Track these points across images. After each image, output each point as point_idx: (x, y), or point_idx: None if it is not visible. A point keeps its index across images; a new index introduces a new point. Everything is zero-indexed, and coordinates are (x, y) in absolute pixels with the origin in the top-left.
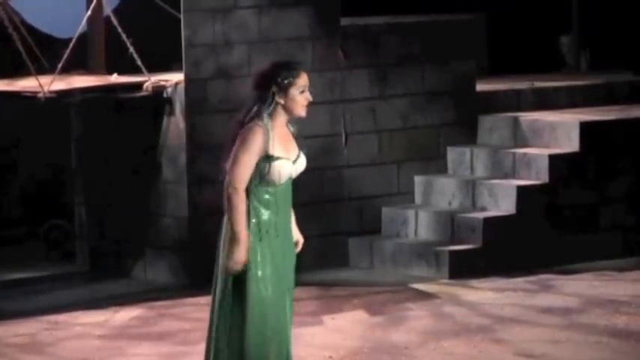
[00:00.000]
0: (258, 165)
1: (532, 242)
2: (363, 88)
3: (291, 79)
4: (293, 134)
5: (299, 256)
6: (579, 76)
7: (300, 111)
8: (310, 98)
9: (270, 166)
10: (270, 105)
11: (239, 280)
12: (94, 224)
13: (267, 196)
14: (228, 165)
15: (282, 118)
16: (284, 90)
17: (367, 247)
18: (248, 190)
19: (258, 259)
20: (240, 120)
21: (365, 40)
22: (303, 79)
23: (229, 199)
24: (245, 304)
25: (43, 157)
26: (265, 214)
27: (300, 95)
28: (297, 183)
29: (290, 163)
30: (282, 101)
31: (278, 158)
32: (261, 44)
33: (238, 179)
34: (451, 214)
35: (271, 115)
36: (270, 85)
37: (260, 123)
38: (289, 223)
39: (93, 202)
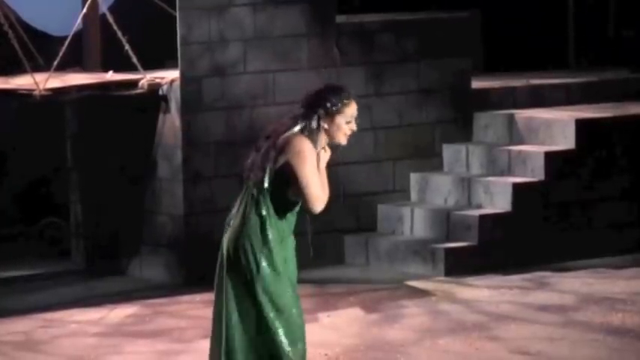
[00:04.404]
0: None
1: (528, 240)
2: (358, 86)
3: (340, 106)
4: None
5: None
6: (575, 73)
7: (342, 139)
8: (355, 129)
9: None
10: (316, 126)
11: (258, 279)
12: (89, 222)
13: (290, 203)
14: (300, 186)
15: (323, 140)
16: (331, 115)
17: (363, 245)
18: (271, 193)
19: (283, 258)
20: (283, 131)
21: (360, 37)
22: (351, 109)
23: (319, 208)
24: (269, 306)
25: (39, 155)
26: (285, 217)
27: (346, 125)
28: None
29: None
30: (326, 126)
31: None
32: (257, 41)
33: (317, 193)
34: (447, 211)
35: (317, 135)
36: (318, 107)
37: (308, 138)
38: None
39: (88, 200)
